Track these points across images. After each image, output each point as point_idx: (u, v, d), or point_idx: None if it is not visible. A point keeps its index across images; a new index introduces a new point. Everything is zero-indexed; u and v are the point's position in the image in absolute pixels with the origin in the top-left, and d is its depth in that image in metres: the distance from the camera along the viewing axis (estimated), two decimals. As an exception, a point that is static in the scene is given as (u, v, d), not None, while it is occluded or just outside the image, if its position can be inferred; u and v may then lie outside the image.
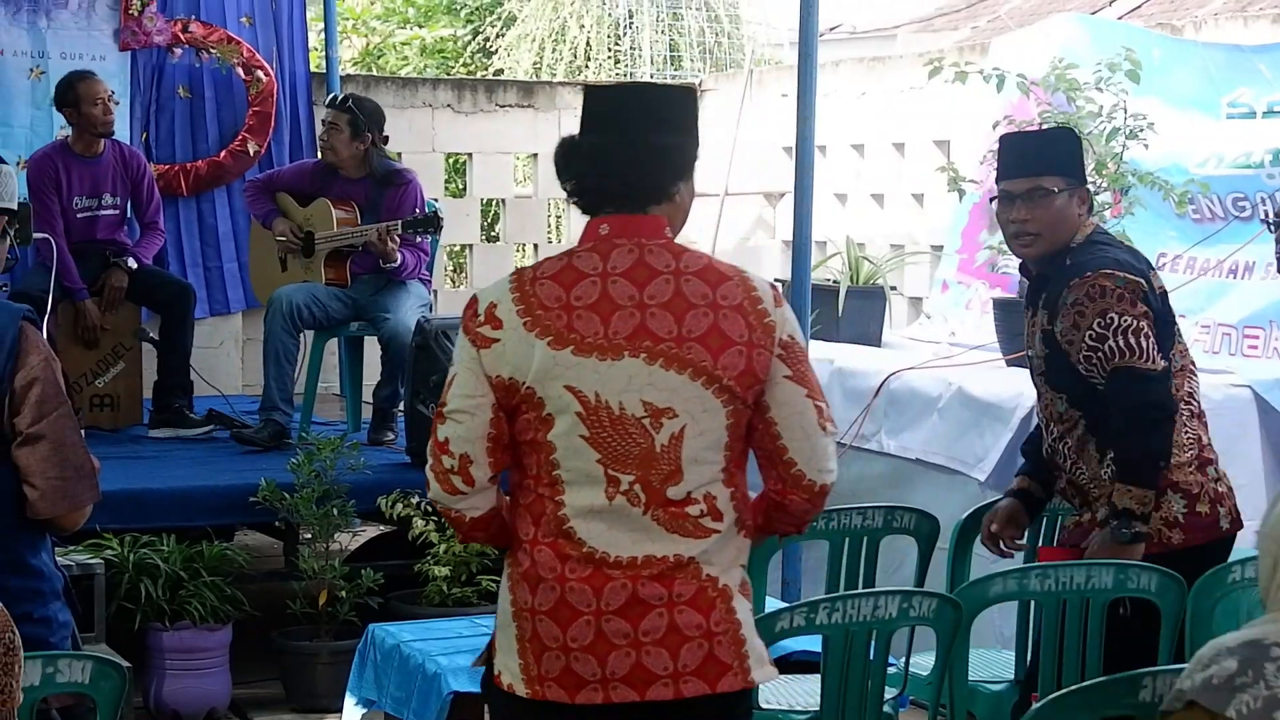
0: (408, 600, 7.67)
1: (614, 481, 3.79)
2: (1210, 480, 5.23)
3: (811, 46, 7.50)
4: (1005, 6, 17.27)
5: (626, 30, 17.55)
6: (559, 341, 3.78)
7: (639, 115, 3.95)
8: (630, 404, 3.78)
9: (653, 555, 3.80)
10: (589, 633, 3.79)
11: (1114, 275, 5.09)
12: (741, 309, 3.83)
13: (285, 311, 8.73)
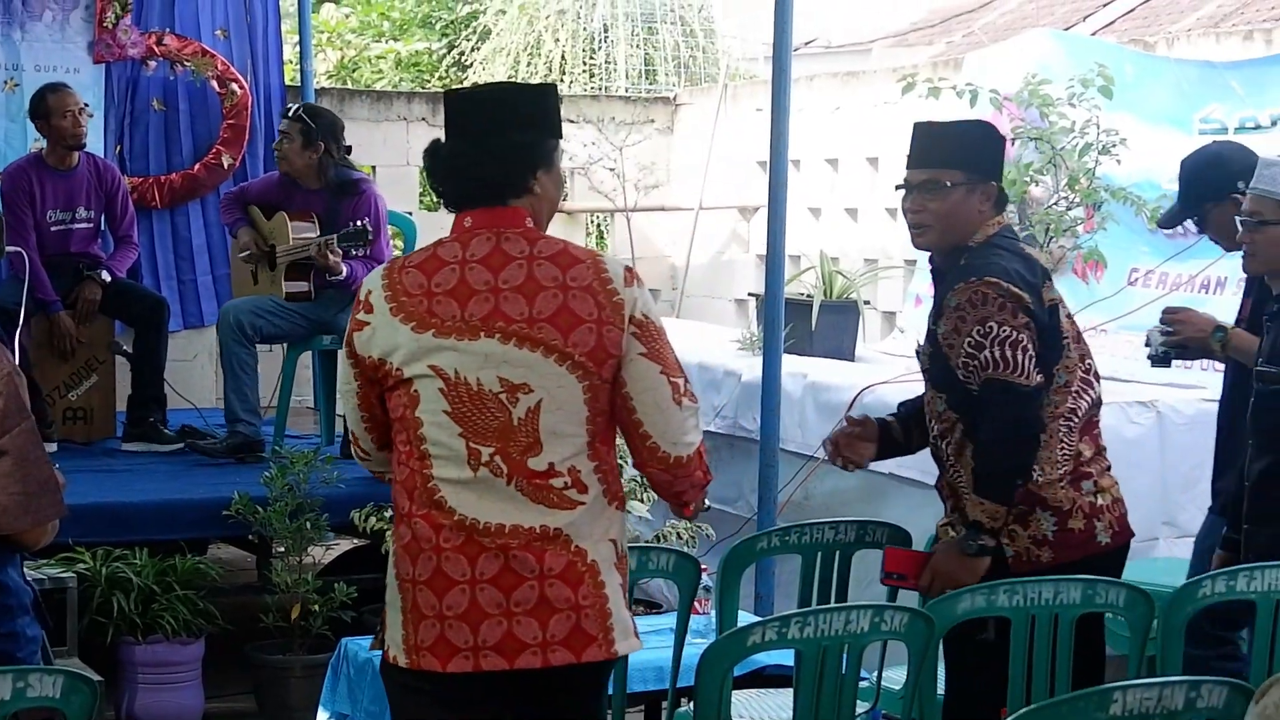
0: (380, 614, 7.65)
1: (475, 454, 4.07)
2: (1085, 495, 5.14)
3: (786, 61, 7.51)
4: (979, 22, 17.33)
5: (601, 44, 17.56)
6: (421, 325, 4.09)
7: (485, 118, 4.23)
8: (488, 380, 4.06)
9: (520, 525, 4.07)
10: (463, 601, 4.05)
11: (998, 284, 5.02)
12: (591, 289, 4.10)
13: (232, 324, 8.75)
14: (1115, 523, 5.21)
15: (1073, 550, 5.13)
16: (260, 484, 7.70)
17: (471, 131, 4.24)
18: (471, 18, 19.22)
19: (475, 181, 4.22)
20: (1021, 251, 5.25)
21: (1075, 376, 5.19)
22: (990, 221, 5.24)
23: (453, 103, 4.35)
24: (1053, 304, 5.17)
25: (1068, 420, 5.15)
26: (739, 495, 8.77)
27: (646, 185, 12.77)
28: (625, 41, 17.43)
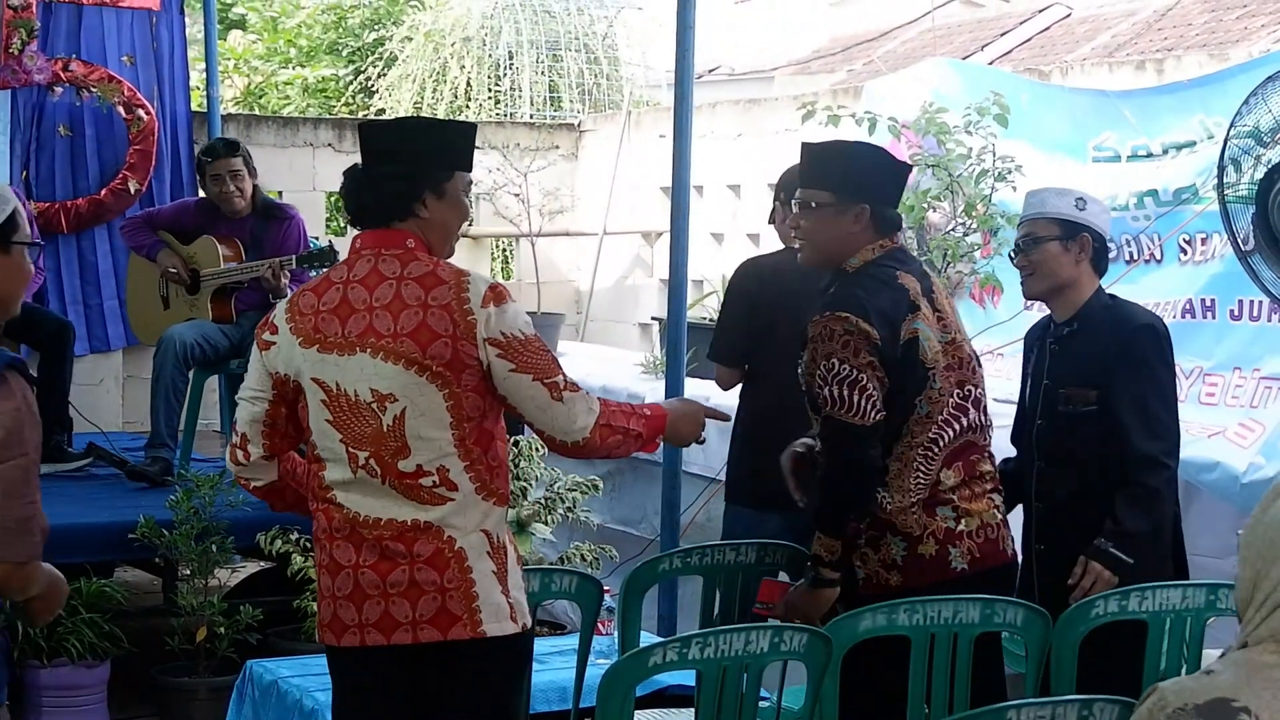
0: (287, 636, 7.69)
1: (354, 458, 4.51)
2: (941, 521, 5.18)
3: (688, 88, 7.58)
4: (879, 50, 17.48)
5: (507, 71, 17.61)
6: (309, 341, 4.53)
7: (379, 147, 4.65)
8: (362, 392, 4.48)
9: (394, 519, 4.50)
10: (349, 584, 4.53)
11: (847, 320, 5.06)
12: (449, 308, 4.47)
13: (178, 351, 8.73)
14: (977, 549, 5.21)
15: (923, 575, 5.17)
16: (166, 507, 7.70)
17: (367, 160, 4.65)
18: (378, 44, 19.22)
19: (358, 205, 4.64)
20: (894, 281, 5.21)
21: (943, 406, 5.20)
22: (871, 245, 5.26)
23: (361, 132, 4.75)
24: (911, 337, 5.16)
25: (926, 449, 5.18)
26: (642, 517, 8.83)
27: (551, 211, 12.81)
28: (530, 68, 17.48)
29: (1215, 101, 8.24)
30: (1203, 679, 2.80)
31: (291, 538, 7.59)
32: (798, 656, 4.75)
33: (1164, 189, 8.32)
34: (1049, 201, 5.88)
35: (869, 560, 5.23)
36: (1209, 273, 8.03)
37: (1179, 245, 8.21)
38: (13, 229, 4.16)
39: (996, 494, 5.35)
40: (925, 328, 5.21)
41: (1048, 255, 5.81)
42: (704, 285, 10.68)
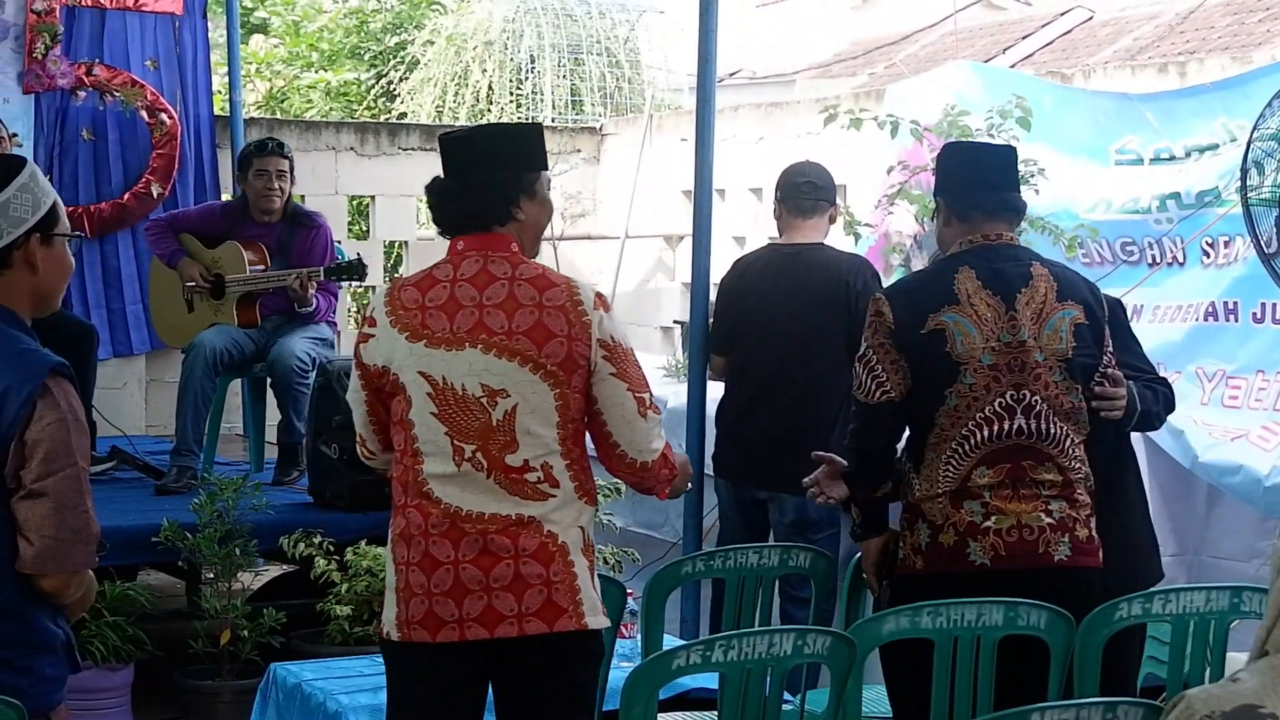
0: (310, 639, 7.70)
1: (459, 451, 4.58)
2: (965, 514, 5.23)
3: (710, 92, 7.59)
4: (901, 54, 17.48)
5: (528, 75, 17.63)
6: (415, 336, 4.61)
7: (468, 157, 4.78)
8: (471, 386, 4.57)
9: (498, 513, 4.57)
10: (448, 579, 4.56)
11: (877, 301, 5.35)
12: (564, 309, 4.62)
13: (208, 357, 8.75)
14: (1004, 547, 5.22)
15: (942, 563, 5.24)
16: (189, 511, 7.72)
17: (458, 170, 4.77)
18: (400, 48, 19.24)
19: (462, 213, 4.74)
20: (947, 273, 5.34)
21: (981, 404, 5.25)
22: (960, 239, 5.43)
23: (444, 144, 4.85)
24: (938, 328, 5.24)
25: (960, 444, 5.24)
26: (665, 520, 8.83)
27: (573, 214, 12.83)
28: (552, 72, 17.50)
29: (1238, 104, 8.23)
30: (1229, 686, 2.80)
31: (314, 541, 7.61)
32: (821, 659, 4.77)
33: (1186, 192, 8.31)
34: None
35: (905, 542, 5.35)
36: (1231, 276, 8.01)
37: (1201, 248, 8.20)
38: (53, 221, 4.23)
39: (1058, 500, 5.31)
40: (962, 321, 5.24)
41: None
42: (726, 288, 10.66)
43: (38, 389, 4.03)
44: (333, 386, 8.16)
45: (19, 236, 4.16)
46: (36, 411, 4.03)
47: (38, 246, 4.20)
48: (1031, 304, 5.32)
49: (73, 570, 4.12)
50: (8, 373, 4.04)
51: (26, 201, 4.18)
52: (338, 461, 8.16)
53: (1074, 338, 5.34)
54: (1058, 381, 5.32)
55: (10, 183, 4.16)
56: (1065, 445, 5.33)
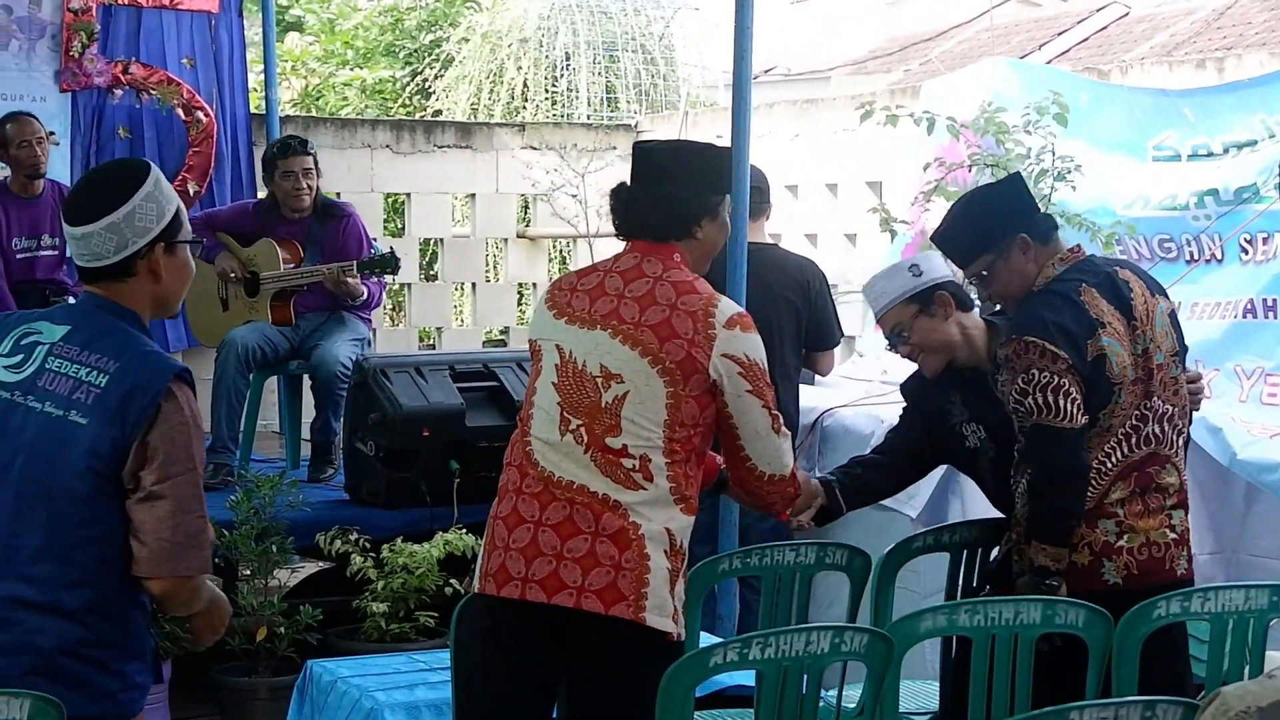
0: (346, 636, 7.71)
1: (565, 422, 4.76)
2: (1100, 534, 5.27)
3: (745, 89, 7.57)
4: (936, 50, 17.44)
5: (563, 72, 17.63)
6: (560, 312, 4.87)
7: (648, 169, 4.96)
8: (591, 365, 4.77)
9: (587, 486, 4.71)
10: (526, 537, 4.71)
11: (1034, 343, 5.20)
12: (694, 315, 4.76)
13: (240, 354, 8.78)
14: (1136, 565, 5.27)
15: (1076, 583, 5.25)
16: (226, 508, 7.73)
17: (648, 179, 4.95)
18: (435, 45, 19.25)
19: (640, 222, 4.92)
20: (1076, 295, 5.31)
21: (1124, 419, 5.29)
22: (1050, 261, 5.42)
23: (639, 152, 5.08)
24: (1098, 355, 5.24)
25: (1101, 463, 5.26)
26: (700, 519, 8.82)
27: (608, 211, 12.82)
28: (587, 69, 17.50)
29: (1276, 100, 8.20)
30: (1265, 682, 2.81)
31: (351, 538, 7.62)
32: (858, 657, 4.76)
33: (1225, 188, 8.28)
34: (889, 288, 5.80)
35: (1024, 560, 5.33)
36: (1270, 273, 7.99)
37: (1240, 245, 8.17)
38: (177, 228, 4.29)
39: (1178, 510, 5.37)
40: (1113, 343, 5.26)
41: (923, 335, 5.75)
42: (761, 285, 10.65)
43: (163, 392, 4.11)
44: (369, 384, 8.18)
45: (144, 246, 4.22)
46: (160, 414, 4.10)
47: (161, 255, 4.26)
48: (1140, 308, 5.36)
49: (186, 575, 4.17)
50: (133, 373, 4.12)
51: (151, 211, 4.23)
52: (374, 458, 8.17)
53: (1174, 329, 5.44)
54: (1174, 378, 5.41)
55: (136, 191, 4.21)
56: (1179, 445, 5.43)
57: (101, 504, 4.10)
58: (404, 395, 8.14)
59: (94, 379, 4.13)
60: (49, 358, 4.19)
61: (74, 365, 4.16)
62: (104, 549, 4.12)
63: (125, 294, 4.27)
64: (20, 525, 4.11)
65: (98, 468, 4.08)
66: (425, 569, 7.56)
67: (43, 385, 4.16)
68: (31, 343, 4.24)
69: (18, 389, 4.18)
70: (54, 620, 4.09)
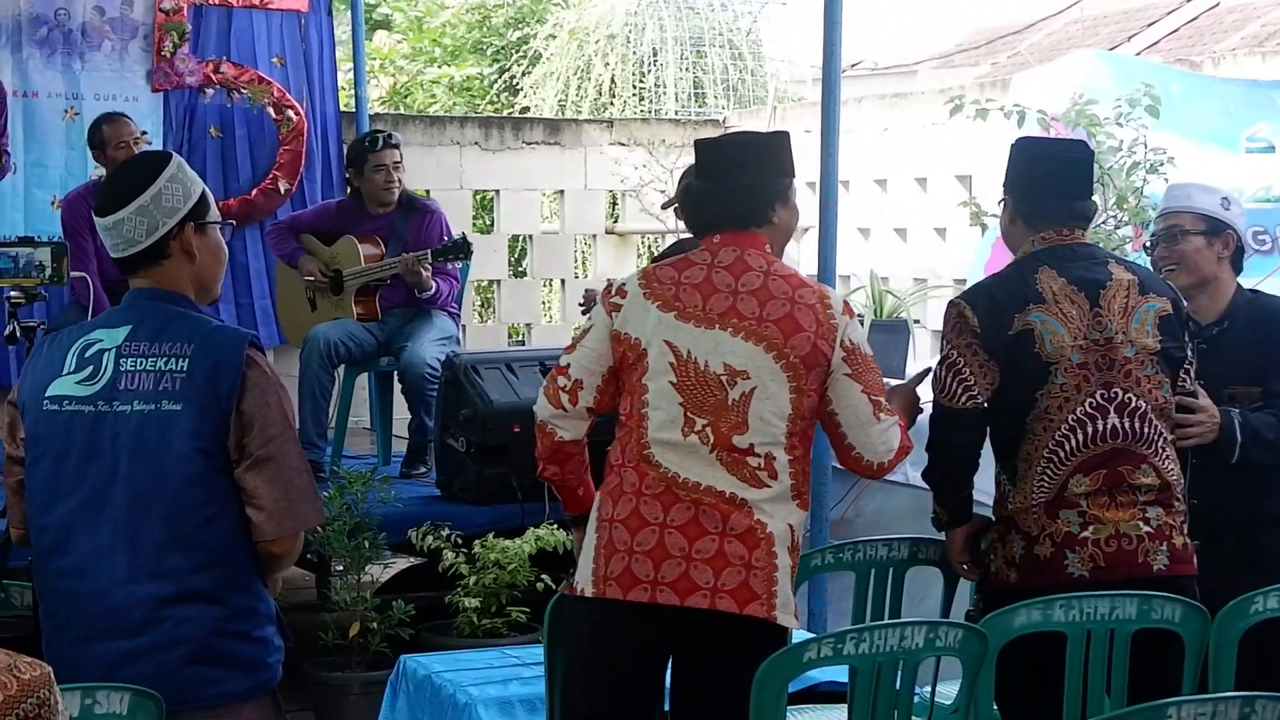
0: (438, 631, 7.74)
1: (690, 423, 4.69)
2: (1062, 525, 5.14)
3: (835, 83, 7.57)
4: (1025, 43, 17.36)
5: (651, 67, 17.63)
6: (667, 307, 4.74)
7: (716, 163, 4.95)
8: (714, 364, 4.69)
9: (713, 486, 4.67)
10: (652, 540, 4.65)
11: (957, 305, 5.24)
12: (814, 308, 4.75)
13: (322, 349, 8.83)
14: (1103, 558, 5.13)
15: (1036, 575, 5.16)
16: (318, 504, 7.76)
17: (717, 173, 4.93)
18: (522, 42, 19.28)
19: (721, 215, 4.88)
20: (1028, 273, 5.24)
21: (1072, 405, 5.15)
22: (1030, 238, 5.32)
23: (700, 149, 5.06)
24: (1025, 329, 5.15)
25: (1053, 452, 5.14)
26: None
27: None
28: (674, 65, 17.49)
29: (1371, 90, 8.15)
30: None
31: (443, 533, 7.65)
32: (953, 652, 4.74)
33: (1319, 180, 8.23)
34: (1195, 197, 5.83)
35: (997, 555, 5.30)
36: (1365, 263, 7.94)
37: (1335, 236, 8.12)
38: (205, 209, 4.39)
39: (1159, 507, 5.20)
40: (1049, 319, 5.16)
41: (1192, 249, 5.77)
42: (850, 280, 10.64)
43: (244, 360, 4.18)
44: (460, 380, 8.21)
45: (174, 226, 4.31)
46: (248, 383, 4.17)
47: (193, 234, 4.34)
48: (1116, 299, 5.22)
49: (305, 528, 4.31)
50: (212, 350, 4.18)
51: (177, 191, 4.33)
52: (465, 454, 8.20)
53: (1159, 330, 5.24)
54: (1149, 376, 5.22)
55: (160, 174, 4.32)
56: (1159, 445, 5.23)
57: (214, 481, 4.16)
58: (495, 391, 8.17)
59: (174, 366, 4.18)
60: (120, 360, 4.23)
61: (149, 360, 4.21)
62: (224, 524, 4.18)
63: (167, 278, 4.34)
64: (139, 525, 4.15)
65: (203, 446, 4.14)
66: (517, 564, 7.58)
67: (124, 388, 4.19)
68: (96, 352, 4.27)
69: (99, 399, 4.22)
70: (195, 607, 4.15)
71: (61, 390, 4.26)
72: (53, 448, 4.25)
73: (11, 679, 3.11)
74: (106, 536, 4.17)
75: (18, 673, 3.13)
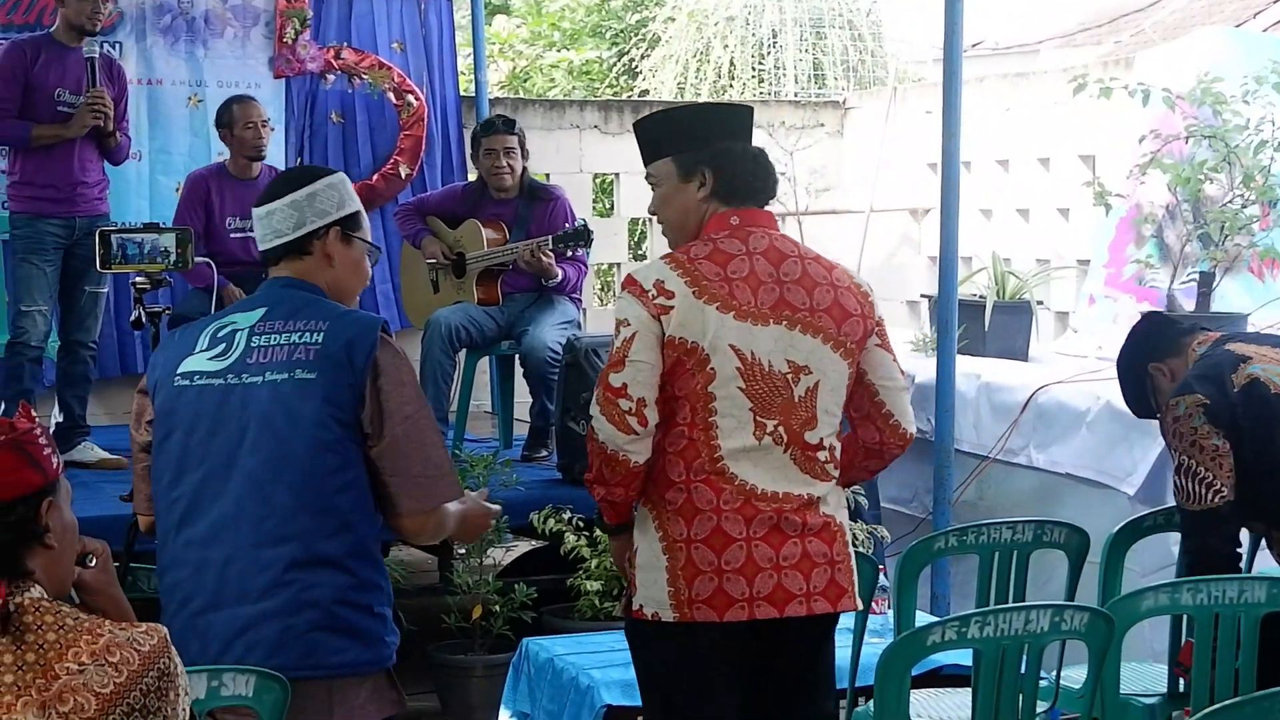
0: (560, 614, 7.76)
1: (760, 426, 4.50)
2: None
3: (956, 63, 7.54)
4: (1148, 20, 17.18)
5: (770, 49, 17.59)
6: (725, 308, 4.48)
7: (746, 129, 4.75)
8: (777, 362, 4.52)
9: (790, 491, 4.53)
10: (740, 557, 4.47)
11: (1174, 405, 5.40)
12: (851, 290, 4.65)
13: (443, 334, 8.85)
14: None
15: None
16: (441, 488, 7.79)
17: (745, 138, 4.73)
18: (641, 25, 19.29)
19: (754, 187, 4.68)
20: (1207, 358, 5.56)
21: None
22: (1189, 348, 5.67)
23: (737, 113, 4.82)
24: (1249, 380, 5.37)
25: None
26: (913, 495, 8.79)
27: (817, 189, 12.75)
28: (794, 46, 17.44)
29: None
30: None
31: (564, 516, 7.66)
32: (1079, 636, 4.71)
33: None
34: None
35: None
36: None
37: None
38: (356, 224, 4.49)
39: None
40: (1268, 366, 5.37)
41: None
42: (973, 262, 10.57)
43: (377, 341, 4.23)
44: (581, 364, 8.22)
45: (321, 226, 4.42)
46: (380, 363, 4.23)
47: (337, 241, 4.44)
48: None
49: (441, 504, 4.32)
50: (347, 328, 4.25)
51: (332, 197, 4.45)
52: (586, 437, 8.19)
53: None
54: None
55: (321, 179, 4.47)
56: None
57: (347, 449, 4.21)
58: (615, 374, 8.16)
59: (309, 339, 4.26)
60: (252, 338, 4.31)
61: (282, 335, 4.29)
62: (356, 494, 4.23)
63: (305, 273, 4.43)
64: (270, 490, 4.20)
65: (337, 415, 4.20)
66: (638, 547, 7.58)
67: (254, 361, 4.27)
68: (229, 332, 4.36)
69: (228, 373, 4.29)
70: (325, 572, 4.19)
71: (192, 366, 4.34)
72: (182, 422, 4.32)
73: (133, 653, 3.15)
74: (234, 504, 4.22)
75: (137, 645, 3.17)
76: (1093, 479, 7.80)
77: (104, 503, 7.32)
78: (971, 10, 7.62)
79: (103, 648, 3.13)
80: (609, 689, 5.74)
